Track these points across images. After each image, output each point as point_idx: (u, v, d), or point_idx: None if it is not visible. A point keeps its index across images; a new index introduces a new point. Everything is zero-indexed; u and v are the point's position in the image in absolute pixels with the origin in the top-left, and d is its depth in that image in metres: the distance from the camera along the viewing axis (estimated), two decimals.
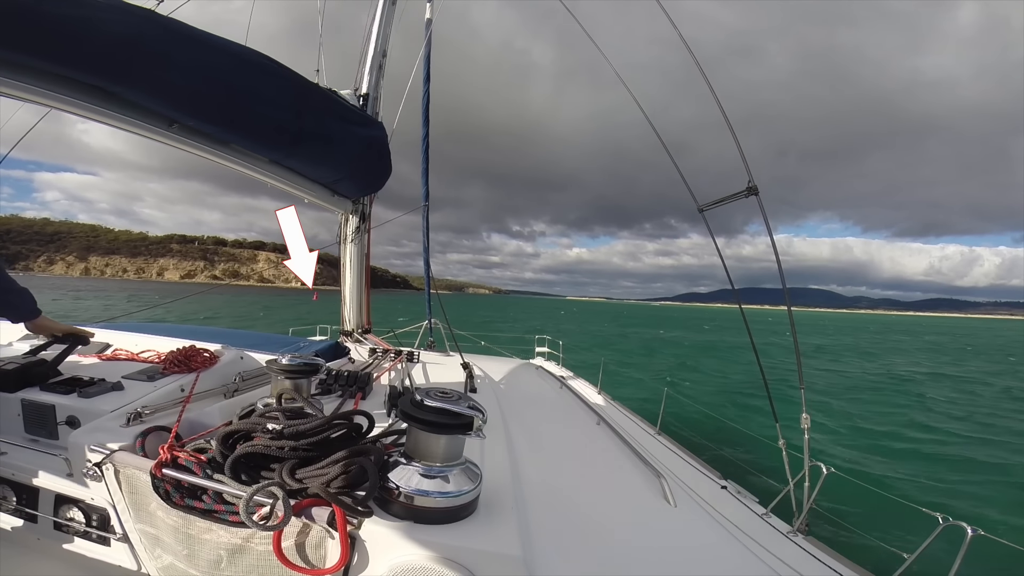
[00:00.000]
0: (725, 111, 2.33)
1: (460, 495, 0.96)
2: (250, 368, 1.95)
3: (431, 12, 4.24)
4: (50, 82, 1.58)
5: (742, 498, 1.91)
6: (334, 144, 2.79)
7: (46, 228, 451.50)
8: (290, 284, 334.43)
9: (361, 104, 3.60)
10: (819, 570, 1.43)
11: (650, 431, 2.72)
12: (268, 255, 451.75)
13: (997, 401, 13.31)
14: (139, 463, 1.10)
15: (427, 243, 4.31)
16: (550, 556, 1.07)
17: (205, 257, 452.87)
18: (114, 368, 1.76)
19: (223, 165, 2.44)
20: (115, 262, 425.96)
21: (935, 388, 15.17)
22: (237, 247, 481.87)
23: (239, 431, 1.08)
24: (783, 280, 2.26)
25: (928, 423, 10.17)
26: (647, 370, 16.45)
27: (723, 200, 2.36)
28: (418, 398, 0.98)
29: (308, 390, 1.48)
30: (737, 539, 1.47)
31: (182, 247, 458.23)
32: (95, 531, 1.27)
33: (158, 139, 2.06)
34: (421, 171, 4.25)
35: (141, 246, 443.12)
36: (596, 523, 1.35)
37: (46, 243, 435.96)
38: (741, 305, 2.49)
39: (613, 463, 1.89)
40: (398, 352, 2.93)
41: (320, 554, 0.97)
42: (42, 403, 1.43)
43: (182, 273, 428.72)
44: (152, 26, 1.71)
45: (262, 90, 2.19)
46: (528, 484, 1.38)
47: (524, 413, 2.38)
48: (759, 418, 9.00)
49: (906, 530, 4.20)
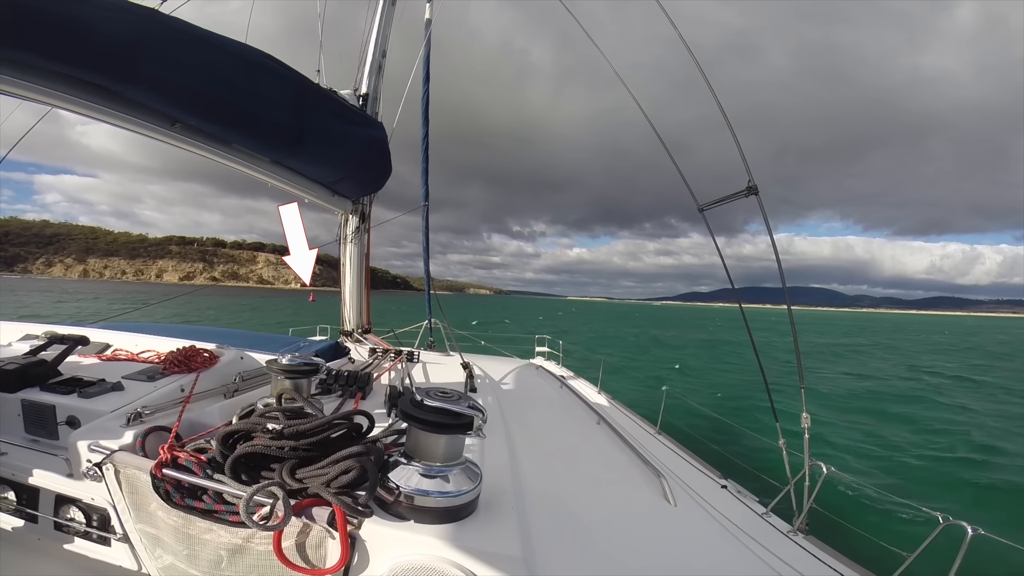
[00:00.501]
0: (725, 110, 2.33)
1: (460, 495, 0.96)
2: (250, 368, 1.95)
3: (431, 12, 4.24)
4: (53, 81, 1.59)
5: (742, 498, 1.91)
6: (334, 144, 2.79)
7: (45, 230, 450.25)
8: (289, 285, 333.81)
9: (361, 104, 3.60)
10: (819, 570, 1.43)
11: (650, 431, 2.72)
12: (267, 256, 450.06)
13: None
14: (139, 463, 1.10)
15: (427, 243, 4.31)
16: (550, 556, 1.07)
17: (204, 259, 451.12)
18: (114, 368, 1.76)
19: (224, 165, 2.45)
20: (114, 264, 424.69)
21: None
22: (236, 248, 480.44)
23: (239, 431, 1.08)
24: (783, 279, 2.26)
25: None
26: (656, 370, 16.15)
27: (723, 200, 2.36)
28: (418, 398, 0.98)
29: (308, 390, 1.48)
30: (737, 539, 1.47)
31: (181, 249, 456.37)
32: (95, 531, 1.27)
33: (160, 138, 2.07)
34: (421, 171, 4.25)
35: (140, 248, 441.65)
36: (596, 523, 1.35)
37: (45, 245, 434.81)
38: (741, 304, 2.49)
39: (613, 463, 1.89)
40: (398, 352, 2.93)
41: (320, 554, 0.97)
42: (42, 403, 1.43)
43: (181, 275, 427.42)
44: (154, 25, 1.71)
45: (263, 89, 2.20)
46: (528, 484, 1.38)
47: (524, 413, 2.38)
48: (767, 418, 8.55)
49: (906, 530, 4.20)
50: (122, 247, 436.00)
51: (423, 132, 4.18)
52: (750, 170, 2.17)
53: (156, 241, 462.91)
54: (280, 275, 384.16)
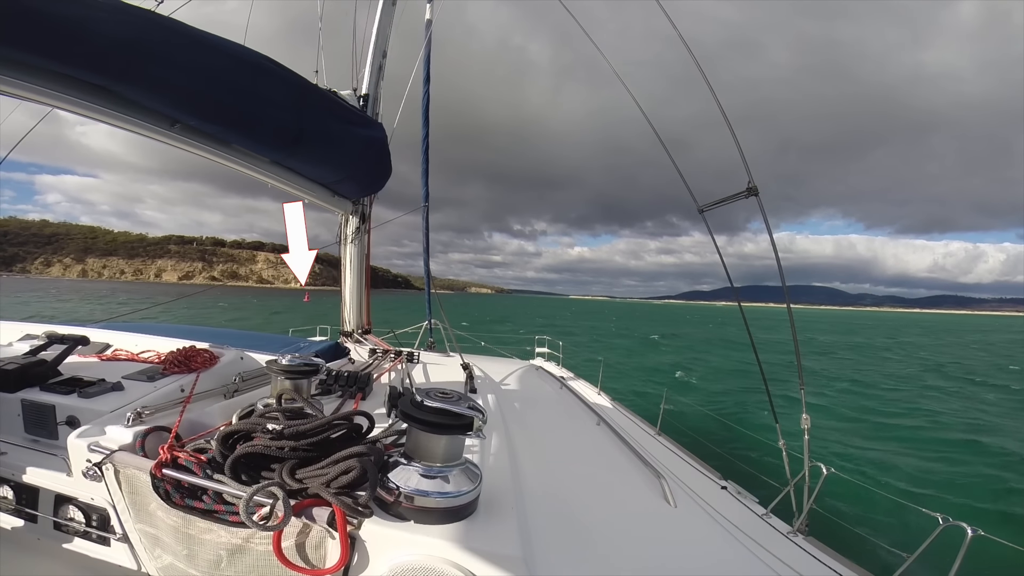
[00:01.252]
0: (724, 108, 2.33)
1: (460, 495, 0.96)
2: (250, 368, 1.95)
3: (431, 12, 4.24)
4: (53, 81, 1.59)
5: (742, 498, 1.91)
6: (334, 145, 2.80)
7: (44, 230, 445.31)
8: (289, 284, 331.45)
9: (361, 105, 3.60)
10: (819, 570, 1.43)
11: (650, 431, 2.72)
12: (267, 255, 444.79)
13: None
14: (139, 463, 1.10)
15: (427, 243, 4.31)
16: (550, 556, 1.07)
17: (203, 258, 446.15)
18: (114, 368, 1.76)
19: (225, 165, 2.45)
20: (112, 264, 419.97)
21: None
22: (236, 247, 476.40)
23: (239, 431, 1.08)
24: (783, 279, 2.26)
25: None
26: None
27: (723, 201, 2.36)
28: (418, 398, 0.98)
29: (308, 390, 1.49)
30: (737, 539, 1.46)
31: (180, 248, 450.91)
32: (95, 531, 1.27)
33: (160, 139, 2.07)
34: (421, 171, 4.26)
35: (139, 247, 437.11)
36: (596, 523, 1.35)
37: (43, 245, 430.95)
38: (740, 303, 2.49)
39: (613, 463, 1.89)
40: (398, 352, 2.93)
41: (320, 554, 0.97)
42: (42, 403, 1.43)
43: (180, 274, 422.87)
44: (153, 26, 1.72)
45: (263, 90, 2.20)
46: (528, 484, 1.38)
47: (524, 413, 2.38)
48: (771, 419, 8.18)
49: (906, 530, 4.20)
50: (121, 247, 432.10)
51: (423, 133, 4.19)
52: (750, 171, 2.17)
53: (155, 241, 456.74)
54: (280, 274, 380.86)
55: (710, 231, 2.46)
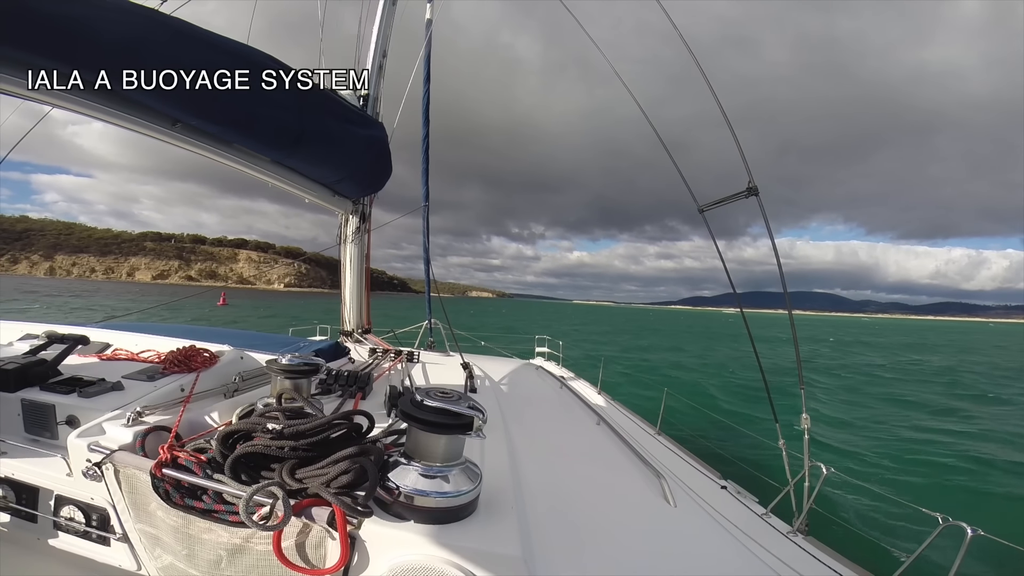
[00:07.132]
0: (724, 107, 2.32)
1: (460, 495, 0.96)
2: (250, 368, 1.95)
3: (431, 13, 4.24)
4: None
5: (742, 498, 1.91)
6: (335, 144, 2.80)
7: (16, 225, 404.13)
8: (272, 286, 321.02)
9: (361, 105, 3.60)
10: (819, 570, 1.43)
11: (650, 431, 2.72)
12: (249, 254, 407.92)
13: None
14: (139, 463, 1.10)
15: (427, 243, 4.31)
16: (550, 556, 1.07)
17: (180, 256, 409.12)
18: (114, 368, 1.76)
19: (225, 165, 2.45)
20: (83, 261, 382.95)
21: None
22: (217, 245, 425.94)
23: (239, 431, 1.08)
24: (784, 283, 2.26)
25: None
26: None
27: (723, 200, 2.36)
28: (418, 398, 0.98)
29: (308, 390, 1.48)
30: (737, 539, 1.47)
31: (156, 245, 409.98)
32: (95, 531, 1.27)
33: (161, 138, 2.07)
34: (421, 171, 4.26)
35: (112, 244, 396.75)
36: (596, 523, 1.35)
37: (12, 241, 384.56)
38: (742, 309, 2.50)
39: (613, 463, 1.89)
40: (398, 352, 2.93)
41: (320, 554, 0.97)
42: (42, 403, 1.43)
43: (154, 273, 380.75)
44: (155, 25, 1.72)
45: (265, 90, 2.20)
46: (528, 484, 1.38)
47: (524, 413, 2.38)
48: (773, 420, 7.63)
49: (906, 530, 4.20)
50: (93, 243, 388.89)
51: (423, 132, 4.19)
52: (750, 170, 2.16)
53: (130, 237, 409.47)
54: (262, 274, 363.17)
55: (711, 232, 2.46)
